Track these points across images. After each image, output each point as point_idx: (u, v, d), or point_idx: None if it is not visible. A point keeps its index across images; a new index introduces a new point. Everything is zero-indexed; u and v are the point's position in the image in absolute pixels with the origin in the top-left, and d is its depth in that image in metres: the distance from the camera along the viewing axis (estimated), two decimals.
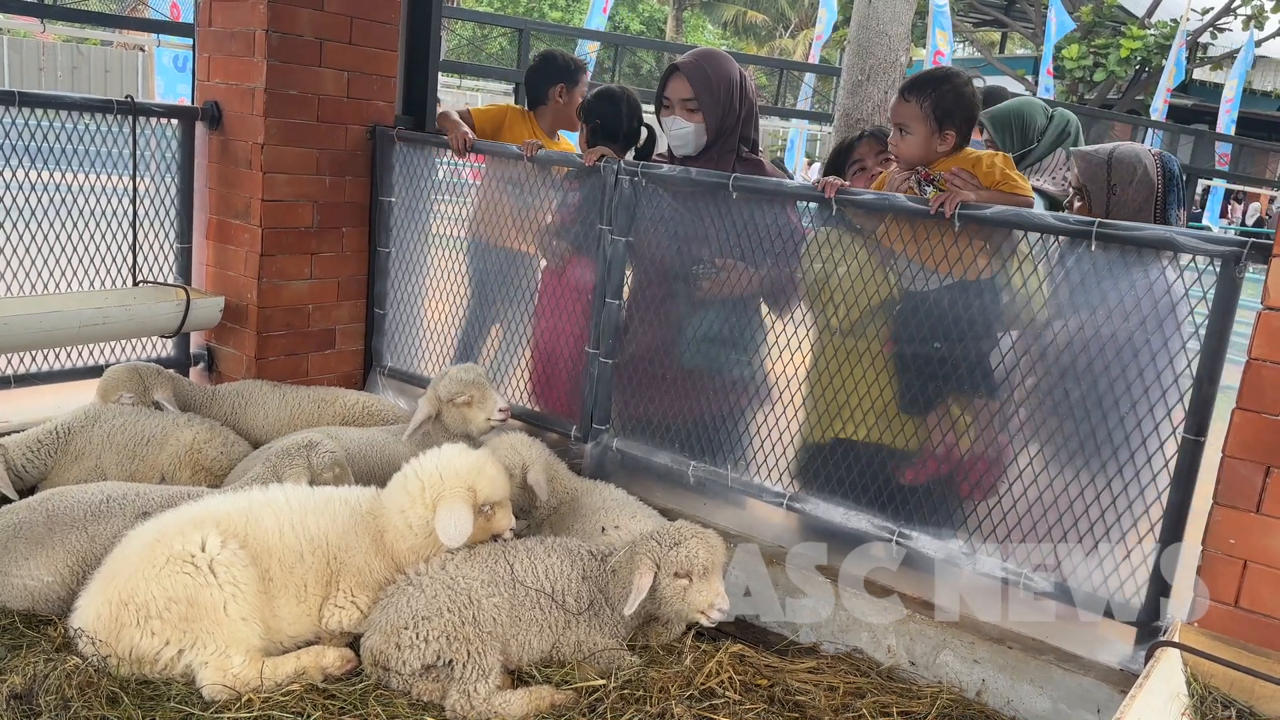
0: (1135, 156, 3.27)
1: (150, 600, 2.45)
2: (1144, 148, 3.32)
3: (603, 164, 3.60)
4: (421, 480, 2.72)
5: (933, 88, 3.15)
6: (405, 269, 4.38)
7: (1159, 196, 3.26)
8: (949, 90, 3.14)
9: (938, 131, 3.15)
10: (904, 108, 3.18)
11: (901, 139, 3.19)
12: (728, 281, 3.44)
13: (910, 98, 3.16)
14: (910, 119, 3.16)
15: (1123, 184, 3.23)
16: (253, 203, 4.04)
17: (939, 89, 3.14)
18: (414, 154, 4.25)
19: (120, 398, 3.59)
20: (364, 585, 2.71)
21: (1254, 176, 22.91)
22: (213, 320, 4.12)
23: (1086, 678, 2.69)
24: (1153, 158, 3.27)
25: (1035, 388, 2.90)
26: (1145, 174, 3.28)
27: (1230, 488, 2.41)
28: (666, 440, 3.62)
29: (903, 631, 2.96)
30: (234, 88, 4.05)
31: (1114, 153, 3.28)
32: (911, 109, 3.16)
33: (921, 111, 3.14)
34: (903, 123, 3.18)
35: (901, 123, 3.18)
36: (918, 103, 3.14)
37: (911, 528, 3.09)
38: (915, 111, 3.15)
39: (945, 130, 3.16)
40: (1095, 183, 3.29)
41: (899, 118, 3.19)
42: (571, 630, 2.73)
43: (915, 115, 3.15)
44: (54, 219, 3.92)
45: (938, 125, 3.15)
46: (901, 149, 3.20)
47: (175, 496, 2.90)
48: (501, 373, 4.12)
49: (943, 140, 3.17)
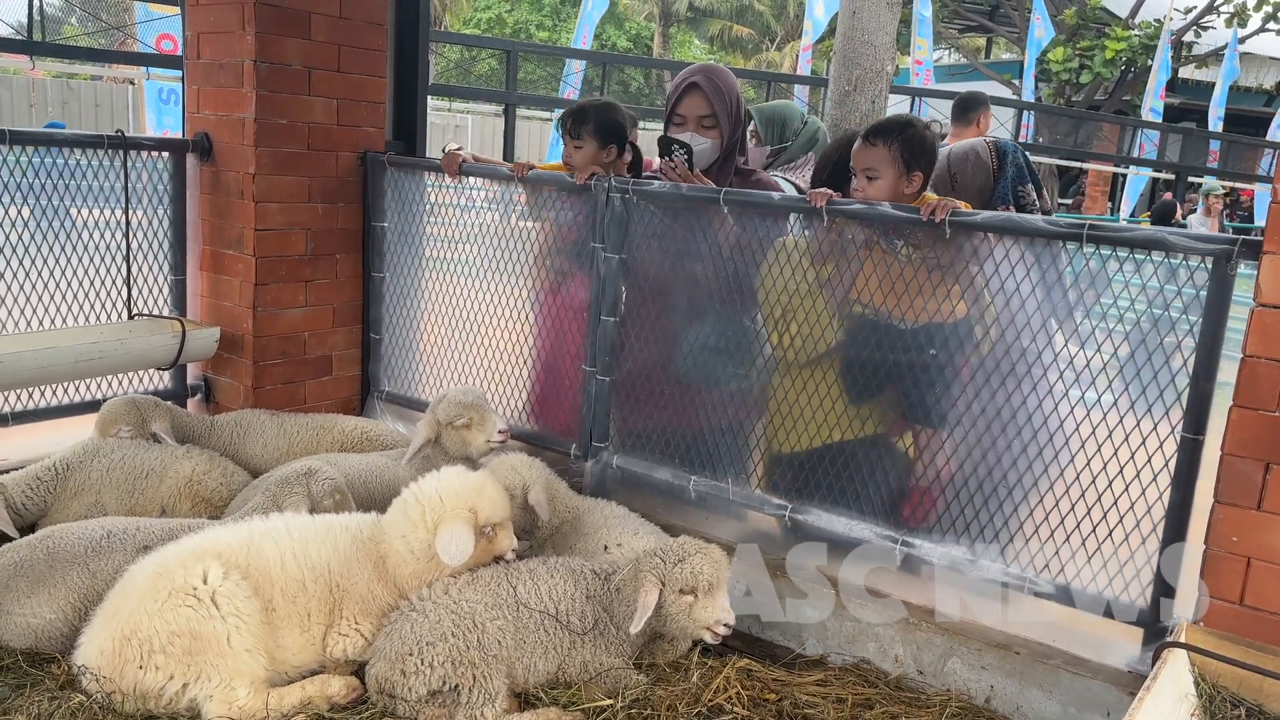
0: (968, 147, 3.70)
1: (153, 635, 2.44)
2: (978, 140, 3.70)
3: (594, 182, 3.61)
4: (421, 504, 2.72)
5: (898, 131, 3.20)
6: (400, 293, 4.39)
7: (995, 175, 3.81)
8: (914, 134, 3.20)
9: (905, 174, 3.20)
10: (871, 153, 3.20)
11: (869, 184, 3.21)
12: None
13: (877, 142, 3.19)
14: (879, 163, 3.19)
15: (961, 172, 3.62)
16: (245, 232, 4.05)
17: (904, 133, 3.19)
18: (405, 179, 4.26)
19: (118, 431, 3.59)
20: (367, 612, 2.70)
21: (1243, 172, 22.99)
22: (209, 351, 4.12)
23: (1095, 681, 2.68)
24: (986, 145, 3.67)
25: (1030, 392, 2.90)
26: (979, 159, 3.80)
27: (1231, 486, 2.41)
28: (666, 455, 3.62)
29: (909, 640, 2.95)
30: (224, 119, 4.06)
31: (950, 150, 3.72)
32: (880, 153, 3.18)
33: (890, 155, 3.18)
34: (871, 167, 3.20)
35: (869, 168, 3.20)
36: (885, 147, 3.18)
37: (915, 535, 3.09)
38: (884, 155, 3.18)
39: (913, 172, 3.21)
40: (940, 177, 3.69)
41: (867, 163, 3.21)
42: (577, 651, 2.72)
43: (884, 159, 3.18)
44: (48, 255, 3.92)
45: (905, 168, 3.19)
46: (870, 193, 3.21)
47: (176, 529, 2.89)
48: (499, 393, 4.12)
49: (910, 182, 3.21)
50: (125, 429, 3.59)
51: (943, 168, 3.78)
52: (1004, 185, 3.88)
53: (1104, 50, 22.02)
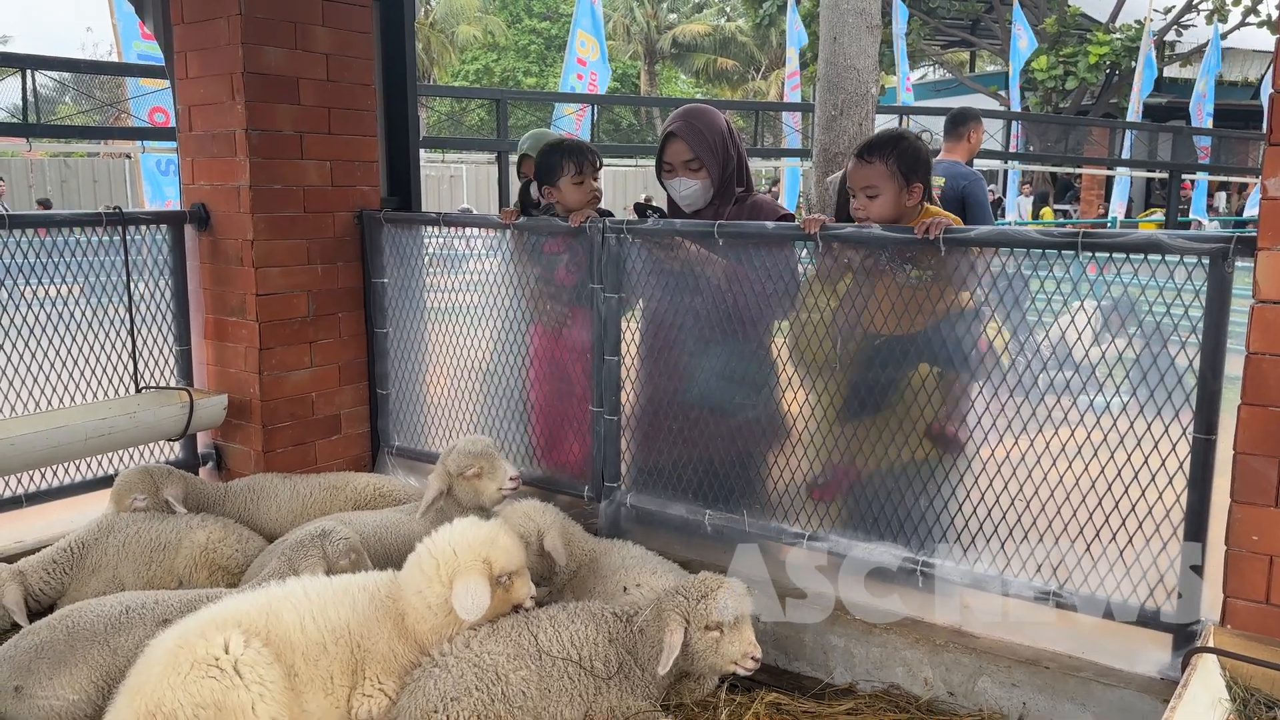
0: None
1: (178, 708, 2.42)
2: None
3: (589, 225, 3.64)
4: (435, 558, 2.71)
5: (893, 145, 3.20)
6: (404, 348, 4.41)
7: None
8: (908, 146, 3.21)
9: (905, 187, 3.20)
10: (868, 170, 3.20)
11: (871, 202, 3.21)
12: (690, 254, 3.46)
13: (873, 159, 3.20)
14: (878, 179, 3.19)
15: None
16: (247, 298, 4.08)
17: (898, 146, 3.20)
18: (402, 234, 4.30)
19: (133, 500, 3.59)
20: (390, 671, 2.69)
21: (1235, 166, 23.04)
22: (217, 419, 4.14)
23: (1127, 690, 2.65)
24: None
25: (1039, 402, 2.89)
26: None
27: (1246, 484, 2.40)
28: (680, 491, 3.61)
29: (938, 662, 2.92)
30: (219, 188, 4.10)
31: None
32: (877, 170, 3.19)
33: (888, 170, 3.18)
34: (870, 185, 3.20)
35: (869, 185, 3.20)
36: (882, 162, 3.18)
37: (934, 556, 3.07)
38: (882, 171, 3.18)
39: (913, 185, 3.21)
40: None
41: (865, 181, 3.21)
42: (603, 696, 2.69)
43: (882, 175, 3.19)
44: (52, 333, 3.95)
45: (905, 181, 3.19)
46: (873, 211, 3.21)
47: (194, 600, 2.89)
48: (508, 440, 4.13)
49: (910, 195, 3.21)
50: (140, 498, 3.60)
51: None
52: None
53: (1087, 55, 22.20)
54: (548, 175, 3.92)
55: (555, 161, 3.90)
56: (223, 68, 3.97)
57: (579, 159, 3.87)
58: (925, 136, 3.63)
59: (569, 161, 3.87)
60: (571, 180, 3.86)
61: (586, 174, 3.88)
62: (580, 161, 3.87)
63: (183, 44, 4.13)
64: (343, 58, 4.21)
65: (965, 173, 5.60)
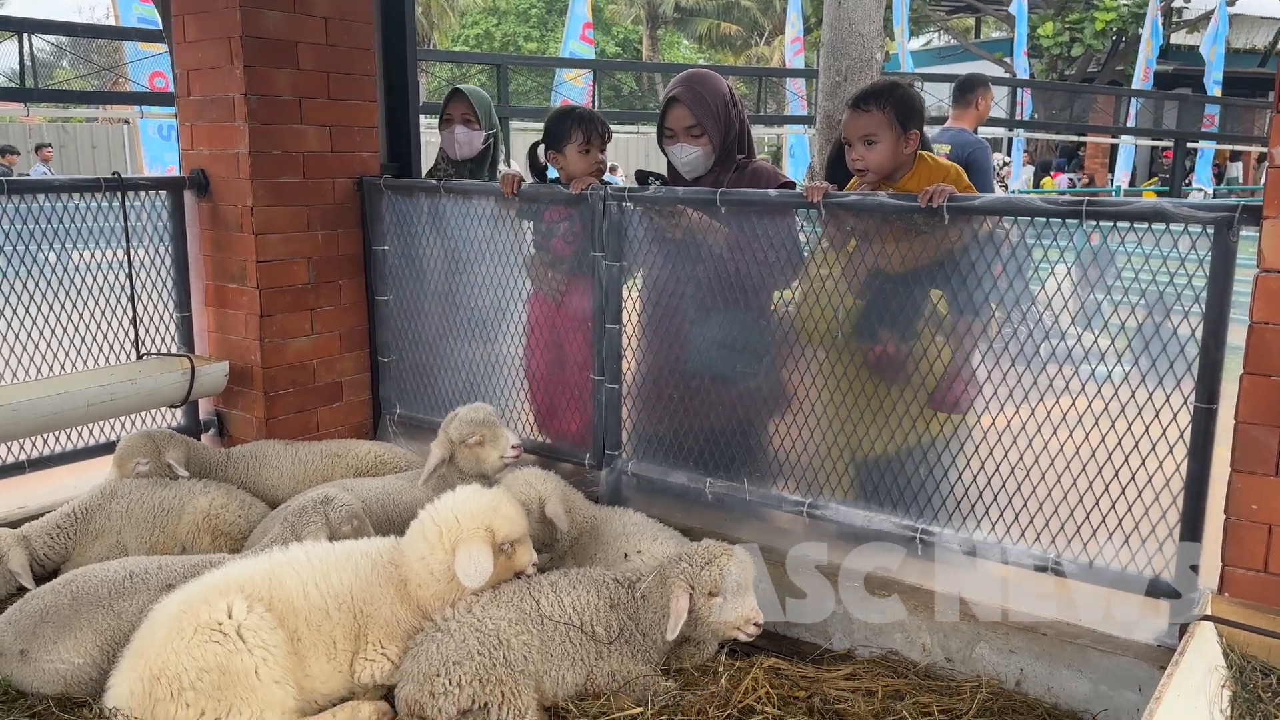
0: None
1: (182, 672, 2.45)
2: None
3: (590, 192, 3.62)
4: (438, 525, 2.72)
5: (889, 93, 3.21)
6: (405, 315, 4.40)
7: None
8: (904, 94, 3.22)
9: (903, 134, 3.20)
10: (865, 118, 3.20)
11: (869, 150, 3.21)
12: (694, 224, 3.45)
13: (870, 107, 3.19)
14: (875, 127, 3.19)
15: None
16: (248, 265, 4.07)
17: (894, 94, 3.21)
18: (402, 201, 4.27)
19: (136, 465, 3.61)
20: (393, 636, 2.71)
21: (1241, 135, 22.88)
22: (219, 386, 4.15)
23: (1124, 657, 2.67)
24: None
25: (1040, 372, 2.89)
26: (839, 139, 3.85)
27: (1247, 453, 2.40)
28: (681, 459, 3.62)
29: (936, 629, 2.94)
30: (218, 154, 4.08)
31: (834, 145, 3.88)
32: (875, 117, 3.18)
33: (885, 117, 3.18)
34: (869, 133, 3.20)
35: (867, 133, 3.20)
36: (879, 110, 3.18)
37: (934, 524, 3.09)
38: (879, 119, 3.18)
39: (909, 131, 3.21)
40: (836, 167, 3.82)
41: (863, 130, 3.20)
42: (604, 660, 2.72)
43: (880, 122, 3.18)
44: (53, 300, 3.95)
45: (902, 128, 3.19)
46: (871, 159, 3.21)
47: (197, 565, 2.90)
48: (510, 408, 4.13)
49: (908, 142, 3.22)
50: (143, 462, 3.61)
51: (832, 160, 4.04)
52: None
53: (1093, 22, 21.97)
54: (555, 140, 3.89)
55: (564, 128, 3.86)
56: (221, 31, 3.93)
57: (588, 128, 3.85)
58: (930, 104, 3.62)
59: (578, 129, 3.84)
60: (578, 148, 3.83)
61: (594, 144, 3.86)
62: (589, 131, 3.85)
63: (180, 7, 4.09)
64: (342, 21, 4.17)
65: (971, 140, 5.57)
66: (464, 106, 4.30)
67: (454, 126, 4.32)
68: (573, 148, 3.84)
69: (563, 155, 3.87)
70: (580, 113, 3.94)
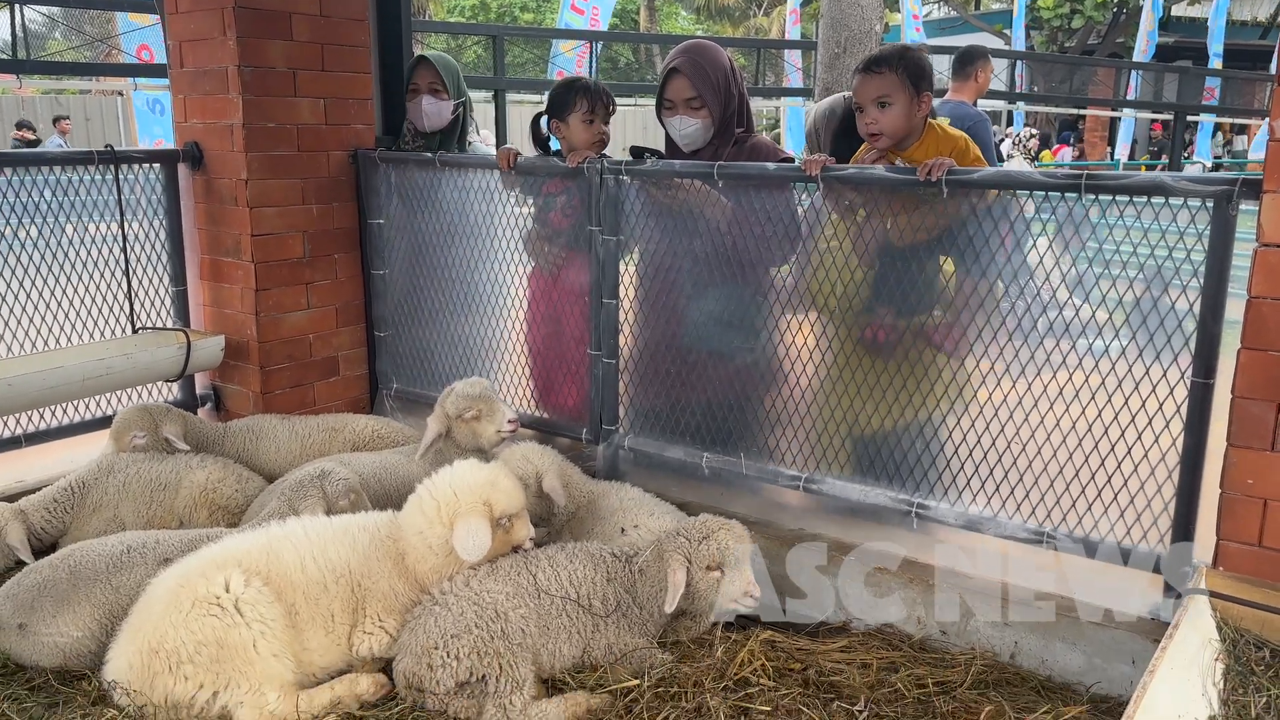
0: (831, 103, 3.94)
1: (180, 646, 2.46)
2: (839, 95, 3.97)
3: (586, 165, 3.59)
4: (436, 500, 2.73)
5: (900, 56, 3.20)
6: (401, 289, 4.38)
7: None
8: (914, 56, 3.21)
9: (915, 97, 3.17)
10: (879, 80, 3.17)
11: (883, 112, 3.18)
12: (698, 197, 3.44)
13: (882, 69, 3.17)
14: (889, 89, 3.16)
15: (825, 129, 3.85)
16: (242, 239, 4.05)
17: (905, 56, 3.19)
18: (398, 174, 4.25)
19: (133, 438, 3.60)
20: (390, 609, 2.72)
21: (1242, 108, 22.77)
22: (215, 360, 4.14)
23: (1118, 630, 2.69)
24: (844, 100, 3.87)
25: (1037, 346, 2.89)
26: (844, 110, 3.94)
27: (1243, 428, 2.40)
28: (678, 434, 3.62)
29: (931, 602, 2.96)
30: (212, 126, 4.05)
31: (815, 112, 4.03)
32: (889, 79, 3.16)
33: (899, 79, 3.15)
34: (882, 95, 3.17)
35: (881, 96, 3.17)
36: (892, 72, 3.16)
37: (929, 498, 3.10)
38: (893, 80, 3.15)
39: (922, 94, 3.19)
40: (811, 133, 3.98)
41: (876, 92, 3.17)
42: (601, 633, 2.73)
43: (894, 84, 3.16)
44: (47, 274, 3.93)
45: (915, 90, 3.17)
46: (885, 122, 3.18)
47: (195, 540, 2.91)
48: (507, 383, 4.13)
49: (920, 105, 3.19)
50: (139, 435, 3.61)
51: (811, 129, 4.04)
52: None
53: None
54: (559, 109, 3.84)
55: (569, 97, 3.81)
56: (213, 2, 3.89)
57: (593, 98, 3.81)
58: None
59: (583, 98, 3.79)
60: (582, 118, 3.79)
61: (598, 115, 3.82)
62: (594, 101, 3.80)
63: None
64: None
65: (970, 113, 5.53)
66: (430, 75, 4.22)
67: (421, 97, 4.23)
68: (576, 117, 3.80)
69: (566, 125, 3.82)
70: (585, 82, 3.89)
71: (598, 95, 3.83)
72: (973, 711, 2.56)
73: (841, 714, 2.52)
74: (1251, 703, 2.05)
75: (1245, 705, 2.04)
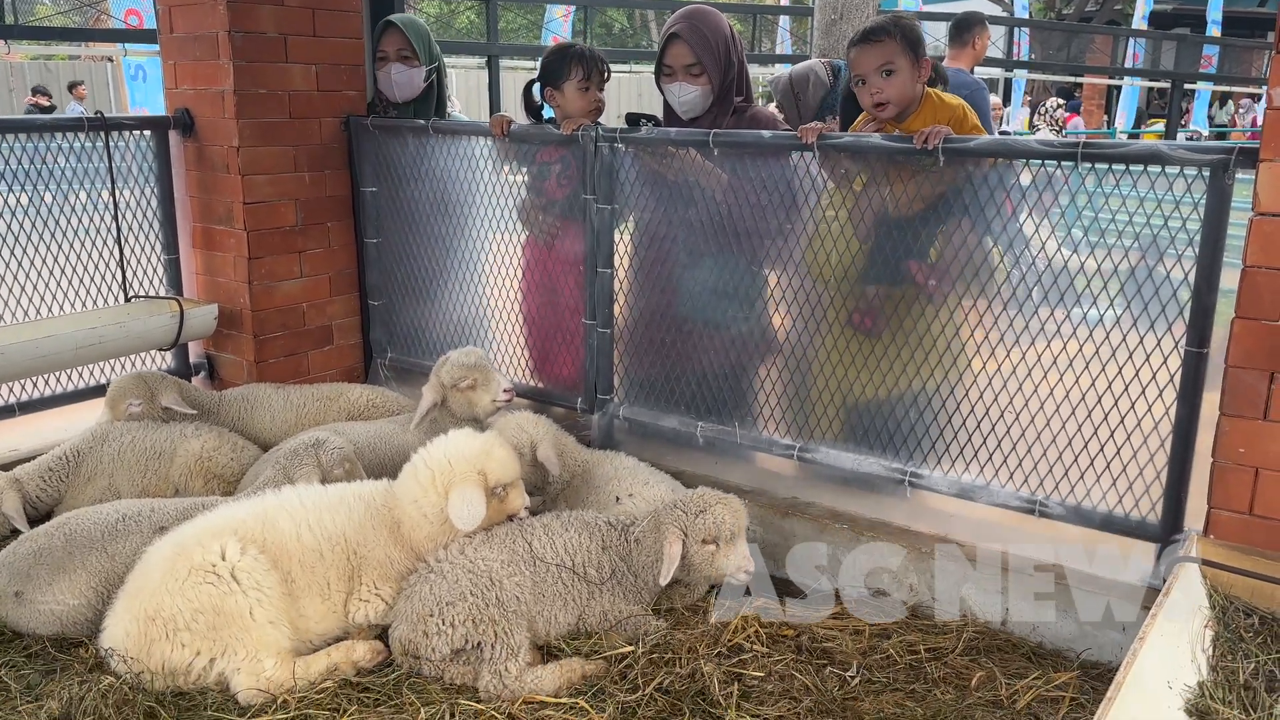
0: (807, 68, 4.12)
1: (177, 613, 2.47)
2: (816, 60, 4.13)
3: (580, 133, 3.57)
4: (431, 469, 2.73)
5: (895, 23, 3.18)
6: (395, 258, 4.36)
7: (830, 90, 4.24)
8: (909, 23, 3.20)
9: (916, 62, 3.16)
10: (880, 48, 3.15)
11: (888, 81, 3.15)
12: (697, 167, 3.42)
13: (883, 38, 3.15)
14: (892, 55, 3.14)
15: (803, 90, 3.94)
16: (234, 206, 4.02)
17: (901, 24, 3.17)
18: (391, 141, 4.21)
19: (129, 406, 3.59)
20: (386, 577, 2.73)
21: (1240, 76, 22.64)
22: (208, 329, 4.12)
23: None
24: (823, 65, 4.12)
25: (1034, 311, 2.89)
26: (817, 77, 4.26)
27: (1236, 397, 2.41)
28: (672, 403, 3.62)
29: (924, 569, 2.98)
30: (203, 92, 4.01)
31: (791, 72, 4.15)
32: (890, 46, 3.14)
33: (900, 46, 3.14)
34: (886, 63, 3.14)
35: (885, 64, 3.15)
36: (892, 39, 3.14)
37: (923, 467, 3.11)
38: (895, 47, 3.14)
39: (921, 60, 3.17)
40: (786, 98, 4.02)
41: (879, 60, 3.15)
42: (596, 601, 2.75)
43: (896, 51, 3.14)
44: (38, 242, 3.90)
45: (915, 56, 3.15)
46: (891, 90, 3.16)
47: (190, 508, 2.91)
48: (501, 352, 4.13)
49: (921, 72, 3.17)
50: (135, 403, 3.60)
51: (786, 87, 4.09)
52: (833, 98, 4.26)
53: None
54: (553, 77, 3.78)
55: (563, 64, 3.76)
56: None
57: (588, 65, 3.75)
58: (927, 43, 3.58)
59: (577, 65, 3.74)
60: (577, 85, 3.74)
61: (593, 82, 3.77)
62: (589, 68, 3.75)
63: None
64: None
65: (968, 81, 5.49)
66: (399, 41, 4.08)
67: (389, 65, 4.11)
68: (571, 85, 3.75)
69: (560, 93, 3.78)
70: (580, 49, 3.83)
71: (593, 61, 3.78)
72: (964, 677, 2.59)
73: (834, 679, 2.55)
74: (1240, 669, 2.07)
75: (1234, 671, 2.06)
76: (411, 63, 4.11)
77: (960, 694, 2.53)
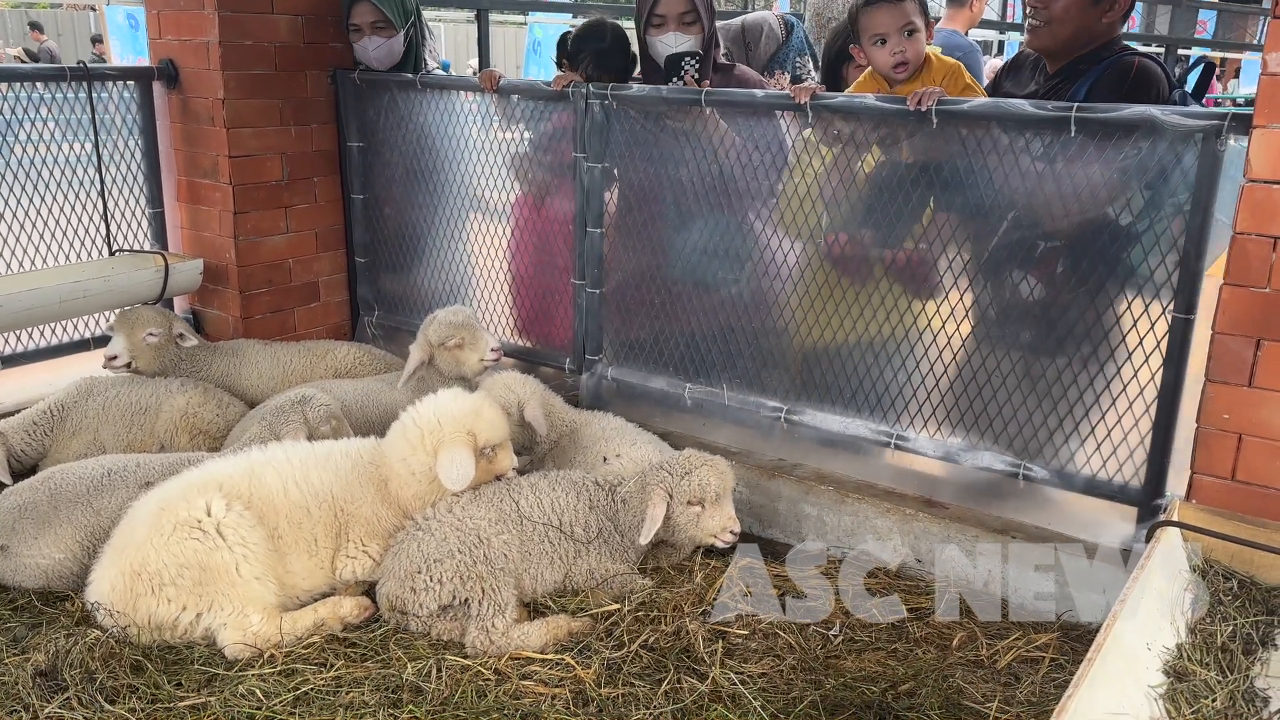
0: (761, 18, 4.07)
1: (162, 568, 2.47)
2: (769, 12, 4.13)
3: (571, 90, 3.53)
4: (420, 428, 2.73)
5: None
6: (382, 215, 4.32)
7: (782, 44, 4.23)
8: None
9: (927, 24, 3.19)
10: (899, 9, 3.13)
11: (911, 40, 3.14)
12: None
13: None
14: (914, 14, 3.15)
15: (755, 42, 3.92)
16: (220, 160, 3.97)
17: None
18: (378, 96, 4.16)
19: (147, 336, 3.59)
20: (374, 534, 2.74)
21: (1234, 42, 22.52)
22: (194, 284, 4.09)
23: (1091, 560, 2.74)
24: (777, 18, 4.08)
25: (1023, 275, 2.89)
26: (771, 30, 4.22)
27: (1222, 363, 2.42)
28: (661, 364, 3.62)
29: (907, 531, 3.00)
30: (187, 43, 3.94)
31: (744, 20, 4.07)
32: (911, 5, 3.14)
33: (916, 5, 3.16)
34: (908, 22, 3.14)
35: (907, 23, 3.13)
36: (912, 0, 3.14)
37: (909, 430, 3.12)
38: (914, 6, 3.15)
39: (928, 21, 3.20)
40: (737, 46, 3.96)
41: (902, 19, 3.13)
42: (582, 559, 2.76)
43: (915, 10, 3.15)
44: (20, 194, 3.85)
45: (927, 17, 3.18)
46: (913, 50, 3.16)
47: (176, 464, 2.90)
48: (490, 311, 4.11)
49: (930, 31, 3.20)
50: (154, 332, 3.60)
51: (738, 36, 4.05)
52: (785, 53, 4.28)
53: None
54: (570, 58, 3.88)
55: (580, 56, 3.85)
56: None
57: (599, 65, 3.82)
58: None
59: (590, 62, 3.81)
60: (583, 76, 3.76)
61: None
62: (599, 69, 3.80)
63: None
64: None
65: (961, 44, 5.45)
66: (371, 13, 3.94)
67: (365, 38, 3.99)
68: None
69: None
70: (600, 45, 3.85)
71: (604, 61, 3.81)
72: (945, 637, 2.62)
73: (816, 637, 2.57)
74: (1218, 631, 2.10)
75: (1212, 634, 2.09)
76: (386, 33, 3.99)
77: (942, 653, 2.56)
